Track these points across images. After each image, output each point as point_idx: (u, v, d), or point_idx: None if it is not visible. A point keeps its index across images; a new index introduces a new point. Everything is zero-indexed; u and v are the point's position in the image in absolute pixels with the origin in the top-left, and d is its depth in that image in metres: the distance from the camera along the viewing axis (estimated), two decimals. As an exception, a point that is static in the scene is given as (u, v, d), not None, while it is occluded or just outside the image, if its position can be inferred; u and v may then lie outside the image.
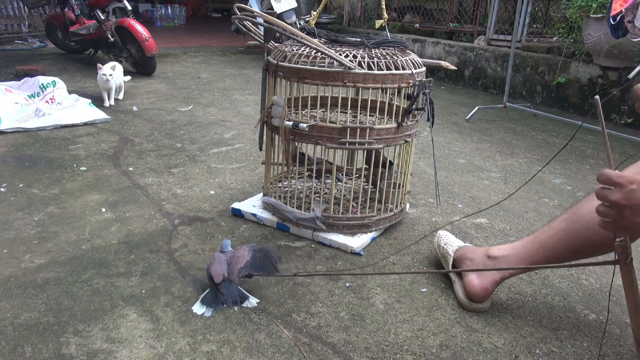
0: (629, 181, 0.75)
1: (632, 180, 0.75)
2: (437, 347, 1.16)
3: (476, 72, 4.61)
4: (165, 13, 8.63)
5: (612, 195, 0.77)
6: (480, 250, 1.37)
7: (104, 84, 3.13)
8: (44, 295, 1.27)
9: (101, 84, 3.14)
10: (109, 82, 3.11)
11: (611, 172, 0.78)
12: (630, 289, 0.86)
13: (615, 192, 0.77)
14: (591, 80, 3.69)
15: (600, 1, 3.31)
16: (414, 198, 2.01)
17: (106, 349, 1.09)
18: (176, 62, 5.03)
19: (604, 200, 0.79)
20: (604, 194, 0.78)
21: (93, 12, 4.10)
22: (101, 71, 3.06)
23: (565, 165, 2.55)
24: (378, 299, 1.33)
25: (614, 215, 0.78)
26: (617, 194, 0.76)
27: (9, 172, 2.05)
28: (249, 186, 2.03)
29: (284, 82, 1.55)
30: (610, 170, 0.78)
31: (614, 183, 0.77)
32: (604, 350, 1.18)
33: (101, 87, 3.16)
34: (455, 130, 3.15)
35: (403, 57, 1.51)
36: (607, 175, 0.78)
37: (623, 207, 0.76)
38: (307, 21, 2.04)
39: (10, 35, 5.67)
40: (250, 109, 3.35)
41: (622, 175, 0.76)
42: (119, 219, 1.70)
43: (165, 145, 2.50)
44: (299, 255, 1.52)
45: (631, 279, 0.85)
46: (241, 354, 1.10)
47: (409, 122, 1.55)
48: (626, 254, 0.83)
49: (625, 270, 0.85)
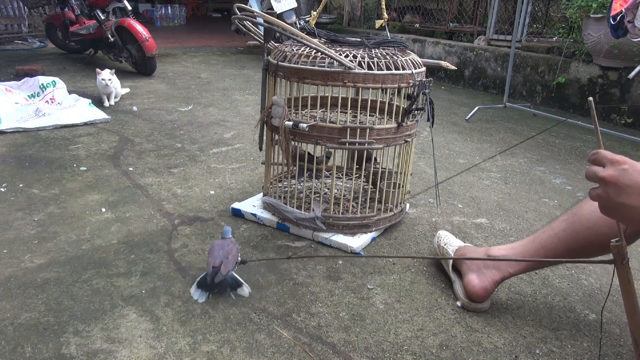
0: (623, 161, 0.74)
1: (626, 161, 0.74)
2: (437, 347, 1.16)
3: (476, 72, 4.61)
4: (165, 13, 8.63)
5: (602, 171, 0.75)
6: (480, 250, 1.37)
7: (103, 88, 3.12)
8: (44, 295, 1.27)
9: (100, 89, 3.14)
10: (108, 86, 3.11)
11: (605, 151, 0.76)
12: (628, 289, 0.86)
13: (607, 169, 0.75)
14: (591, 80, 3.69)
15: (600, 1, 3.31)
16: (414, 198, 2.01)
17: (106, 349, 1.09)
18: (176, 62, 5.03)
19: (592, 177, 0.77)
20: (593, 171, 0.77)
21: (93, 12, 4.10)
22: (100, 76, 3.05)
23: (565, 165, 2.55)
24: (378, 299, 1.33)
25: (601, 194, 0.76)
26: (609, 170, 0.75)
27: (9, 172, 2.05)
28: (249, 186, 2.03)
29: (284, 82, 1.55)
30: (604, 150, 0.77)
31: (609, 160, 0.75)
32: (603, 350, 1.18)
33: (100, 91, 3.15)
34: (455, 130, 3.15)
35: (403, 57, 1.51)
36: (602, 153, 0.76)
37: (609, 184, 0.74)
38: (307, 21, 2.04)
39: (10, 35, 5.68)
40: (250, 109, 3.35)
41: (617, 155, 0.75)
42: (119, 219, 1.70)
43: (165, 145, 2.50)
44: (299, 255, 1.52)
45: (628, 279, 0.84)
46: (241, 354, 1.10)
47: (409, 122, 1.55)
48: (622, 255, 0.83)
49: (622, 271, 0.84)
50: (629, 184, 0.73)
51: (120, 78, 3.62)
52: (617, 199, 0.74)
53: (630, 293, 0.86)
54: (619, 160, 0.75)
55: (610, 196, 0.75)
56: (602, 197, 0.76)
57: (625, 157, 0.75)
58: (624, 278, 0.85)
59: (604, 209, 0.77)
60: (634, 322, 0.89)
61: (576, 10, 3.50)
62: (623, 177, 0.73)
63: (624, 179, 0.73)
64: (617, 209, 0.75)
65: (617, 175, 0.74)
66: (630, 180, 0.73)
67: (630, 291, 0.85)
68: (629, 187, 0.73)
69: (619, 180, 0.73)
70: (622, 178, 0.73)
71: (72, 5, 4.44)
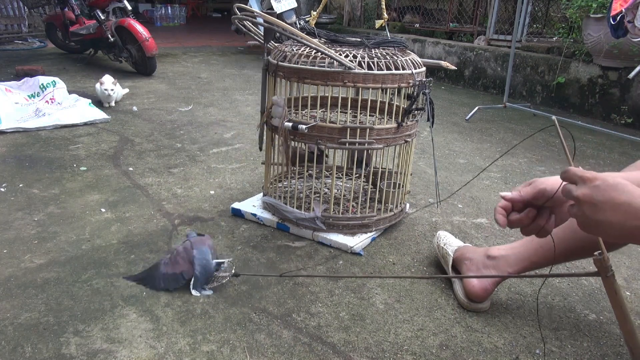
0: (594, 177, 0.74)
1: (597, 177, 0.74)
2: (437, 347, 1.16)
3: (476, 72, 4.61)
4: (165, 13, 8.63)
5: (576, 190, 0.75)
6: (480, 250, 1.37)
7: (105, 98, 3.11)
8: (44, 295, 1.27)
9: (102, 97, 3.11)
10: (111, 96, 3.10)
11: (576, 169, 0.76)
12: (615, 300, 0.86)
13: (579, 187, 0.75)
14: (591, 80, 3.69)
15: (600, 1, 3.31)
16: (414, 198, 2.01)
17: (106, 349, 1.09)
18: (176, 62, 5.03)
19: (568, 196, 0.77)
20: (567, 189, 0.77)
21: (93, 12, 4.10)
22: (103, 86, 3.04)
23: (565, 166, 2.54)
24: (378, 299, 1.33)
25: (577, 212, 0.76)
26: (581, 189, 0.74)
27: (9, 172, 2.05)
28: (249, 186, 2.03)
29: (284, 82, 1.55)
30: (574, 167, 0.77)
31: (579, 178, 0.75)
32: (603, 350, 1.18)
33: (101, 98, 3.13)
34: (455, 130, 3.15)
35: (403, 57, 1.51)
36: (572, 171, 0.76)
37: (584, 203, 0.74)
38: (307, 21, 2.05)
39: (10, 35, 5.68)
40: (250, 109, 3.35)
41: (587, 172, 0.75)
42: (119, 219, 1.70)
43: (165, 145, 2.50)
44: (298, 255, 1.52)
45: (614, 290, 0.84)
46: (241, 354, 1.10)
47: (409, 122, 1.55)
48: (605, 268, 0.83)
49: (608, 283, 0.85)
50: (602, 200, 0.73)
51: (120, 78, 3.62)
52: (594, 217, 0.74)
53: (619, 303, 0.86)
54: (589, 177, 0.74)
55: (586, 214, 0.74)
56: (579, 215, 0.76)
57: (595, 173, 0.75)
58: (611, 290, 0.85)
59: (583, 226, 0.77)
60: (625, 330, 0.89)
61: (576, 10, 3.50)
62: (596, 195, 0.73)
63: (597, 196, 0.73)
64: (595, 226, 0.75)
65: (590, 193, 0.74)
66: (603, 196, 0.73)
67: (618, 301, 0.86)
68: (603, 203, 0.72)
69: (592, 198, 0.73)
70: (595, 195, 0.73)
71: (72, 5, 4.44)
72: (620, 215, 0.72)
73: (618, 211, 0.72)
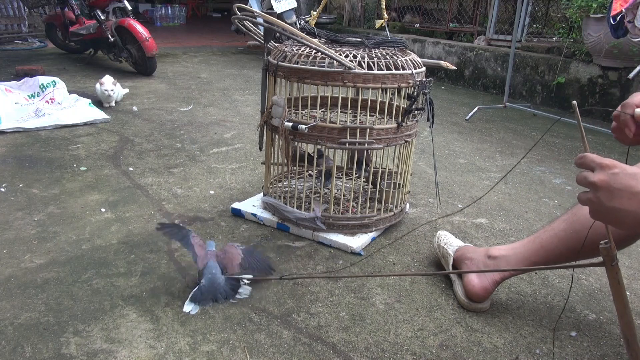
0: (613, 164, 0.74)
1: (616, 165, 0.74)
2: (437, 347, 1.16)
3: (476, 72, 4.61)
4: (165, 13, 8.63)
5: (593, 176, 0.75)
6: (480, 250, 1.37)
7: (105, 98, 3.11)
8: (44, 295, 1.27)
9: (102, 98, 3.11)
10: (111, 97, 3.10)
11: (594, 155, 0.76)
12: (617, 290, 0.86)
13: (597, 173, 0.75)
14: (591, 80, 3.69)
15: (600, 1, 3.31)
16: (414, 198, 2.01)
17: (106, 349, 1.09)
18: (176, 62, 5.03)
19: (583, 182, 0.76)
20: (583, 176, 0.76)
21: (93, 12, 4.10)
22: (103, 86, 3.03)
23: (565, 165, 2.55)
24: (378, 299, 1.33)
25: (592, 198, 0.75)
26: (599, 175, 0.74)
27: (9, 172, 2.05)
28: (249, 186, 2.03)
29: (284, 82, 1.55)
30: (592, 154, 0.77)
31: (598, 164, 0.75)
32: (603, 350, 1.18)
33: (101, 98, 3.13)
34: (455, 130, 3.15)
35: (403, 57, 1.51)
36: (590, 157, 0.76)
37: (601, 189, 0.74)
38: (307, 21, 2.04)
39: (10, 35, 5.67)
40: (250, 109, 3.35)
41: (606, 159, 0.75)
42: (119, 219, 1.70)
43: (165, 145, 2.50)
44: (298, 255, 1.52)
45: (617, 280, 0.85)
46: (241, 354, 1.10)
47: (409, 122, 1.55)
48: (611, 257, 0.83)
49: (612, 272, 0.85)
50: (620, 187, 0.72)
51: (120, 78, 3.62)
52: (609, 204, 0.73)
53: (620, 293, 0.86)
54: (608, 164, 0.74)
55: (601, 201, 0.74)
56: (594, 201, 0.75)
57: (614, 161, 0.75)
58: (614, 279, 0.85)
59: (595, 213, 0.77)
60: (624, 322, 0.89)
61: (576, 10, 3.50)
62: (614, 181, 0.73)
63: (616, 183, 0.73)
64: (609, 213, 0.75)
65: (608, 179, 0.73)
66: (622, 184, 0.72)
67: (620, 292, 0.86)
68: (621, 190, 0.72)
69: (610, 185, 0.73)
70: (613, 182, 0.73)
71: (72, 5, 4.44)
72: (636, 203, 0.72)
73: (634, 199, 0.72)
